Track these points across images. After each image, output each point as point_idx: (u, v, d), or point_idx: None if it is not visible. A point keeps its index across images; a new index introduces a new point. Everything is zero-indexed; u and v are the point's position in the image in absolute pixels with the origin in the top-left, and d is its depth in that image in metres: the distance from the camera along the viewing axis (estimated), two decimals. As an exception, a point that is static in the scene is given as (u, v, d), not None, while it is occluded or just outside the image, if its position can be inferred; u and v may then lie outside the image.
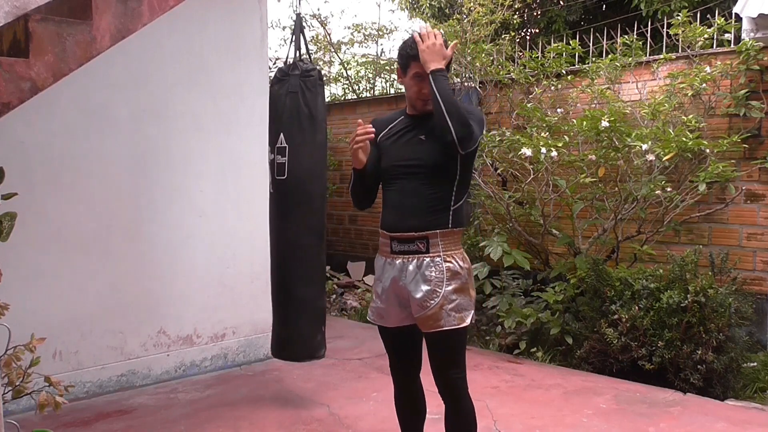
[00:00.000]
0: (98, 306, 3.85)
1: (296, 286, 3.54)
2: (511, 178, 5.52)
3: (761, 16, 4.30)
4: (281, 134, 3.49)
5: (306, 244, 3.54)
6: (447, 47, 2.30)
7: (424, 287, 2.27)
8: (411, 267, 2.30)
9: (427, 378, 2.45)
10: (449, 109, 2.17)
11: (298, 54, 3.60)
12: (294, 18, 3.65)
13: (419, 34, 2.28)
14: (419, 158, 2.31)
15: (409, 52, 2.31)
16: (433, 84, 2.20)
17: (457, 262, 2.30)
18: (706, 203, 4.83)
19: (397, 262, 2.33)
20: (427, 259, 2.28)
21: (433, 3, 9.21)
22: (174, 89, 4.14)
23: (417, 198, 2.31)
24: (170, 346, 4.17)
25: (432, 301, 2.26)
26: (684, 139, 4.43)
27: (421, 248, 2.28)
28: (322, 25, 8.31)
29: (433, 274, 2.27)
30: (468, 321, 2.29)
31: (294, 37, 3.61)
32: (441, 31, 2.34)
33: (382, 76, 8.52)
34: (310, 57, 3.71)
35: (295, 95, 3.46)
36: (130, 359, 4.00)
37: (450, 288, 2.27)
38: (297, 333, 3.59)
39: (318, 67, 3.68)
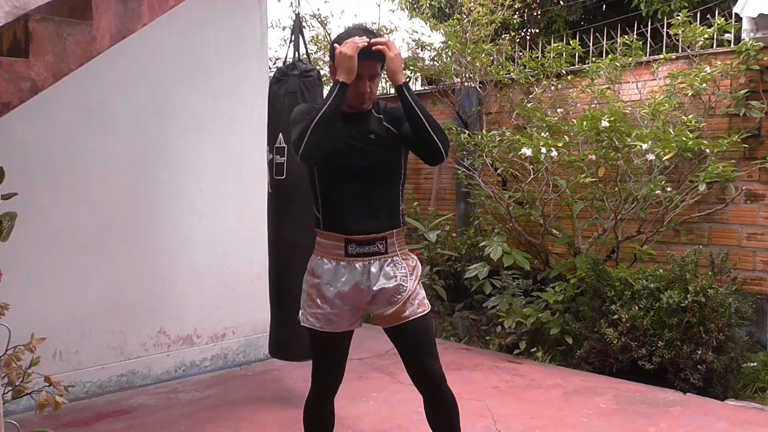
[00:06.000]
0: (98, 306, 3.84)
1: (295, 286, 3.53)
2: (511, 178, 5.52)
3: (761, 16, 4.30)
4: (280, 134, 3.47)
5: (305, 243, 3.51)
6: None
7: (391, 283, 2.30)
8: (374, 268, 2.30)
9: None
10: (432, 125, 2.20)
11: (297, 54, 3.60)
12: (293, 18, 3.65)
13: (385, 42, 2.21)
14: (372, 160, 2.29)
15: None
16: (410, 98, 2.20)
17: (411, 257, 2.40)
18: (706, 203, 4.83)
19: (358, 265, 2.30)
20: (388, 259, 2.33)
21: (433, 3, 9.19)
22: (174, 89, 4.14)
23: (372, 200, 2.31)
24: (170, 346, 4.17)
25: (399, 296, 2.30)
26: (684, 138, 4.43)
27: (380, 249, 2.31)
28: (322, 25, 8.29)
29: (398, 271, 2.32)
30: (428, 308, 2.38)
31: (293, 37, 3.61)
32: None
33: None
34: (309, 57, 3.71)
35: (294, 95, 3.44)
36: (130, 359, 4.00)
37: (413, 281, 2.34)
38: (295, 333, 3.58)
39: (317, 68, 3.67)
